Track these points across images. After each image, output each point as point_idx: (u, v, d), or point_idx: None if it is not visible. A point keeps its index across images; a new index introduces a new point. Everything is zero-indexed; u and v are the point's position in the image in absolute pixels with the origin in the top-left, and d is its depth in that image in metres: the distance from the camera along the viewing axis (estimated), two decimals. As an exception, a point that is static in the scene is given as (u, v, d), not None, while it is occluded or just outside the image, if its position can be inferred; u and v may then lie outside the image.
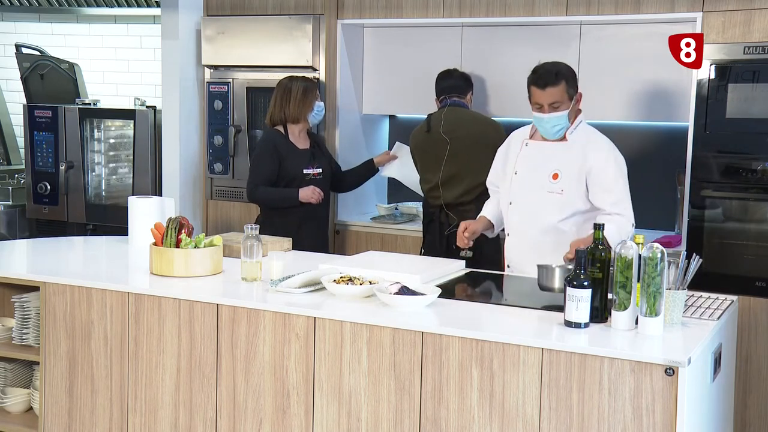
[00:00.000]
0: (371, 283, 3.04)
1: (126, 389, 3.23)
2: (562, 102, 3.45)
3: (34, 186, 5.78)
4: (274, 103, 4.47)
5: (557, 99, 3.44)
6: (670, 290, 2.69)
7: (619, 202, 3.44)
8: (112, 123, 5.75)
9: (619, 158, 3.52)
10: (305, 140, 4.52)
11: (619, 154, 3.53)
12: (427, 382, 2.75)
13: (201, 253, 3.31)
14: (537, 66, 3.53)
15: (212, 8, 5.23)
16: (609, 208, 3.44)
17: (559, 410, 2.59)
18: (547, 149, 3.55)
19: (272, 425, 2.99)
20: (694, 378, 2.50)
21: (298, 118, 4.43)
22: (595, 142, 3.53)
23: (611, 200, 3.44)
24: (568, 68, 3.54)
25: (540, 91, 3.45)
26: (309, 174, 4.44)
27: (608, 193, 3.44)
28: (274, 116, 4.47)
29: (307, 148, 4.49)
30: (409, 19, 4.81)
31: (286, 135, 4.45)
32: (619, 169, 3.49)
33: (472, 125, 4.38)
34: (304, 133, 4.52)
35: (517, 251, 3.61)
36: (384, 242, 4.90)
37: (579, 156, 3.48)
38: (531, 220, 3.54)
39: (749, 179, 4.04)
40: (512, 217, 3.62)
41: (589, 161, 3.46)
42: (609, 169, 3.46)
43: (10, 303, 3.59)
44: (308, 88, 4.46)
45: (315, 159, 4.49)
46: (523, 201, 3.57)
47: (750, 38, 4.00)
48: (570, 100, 3.47)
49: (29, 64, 6.14)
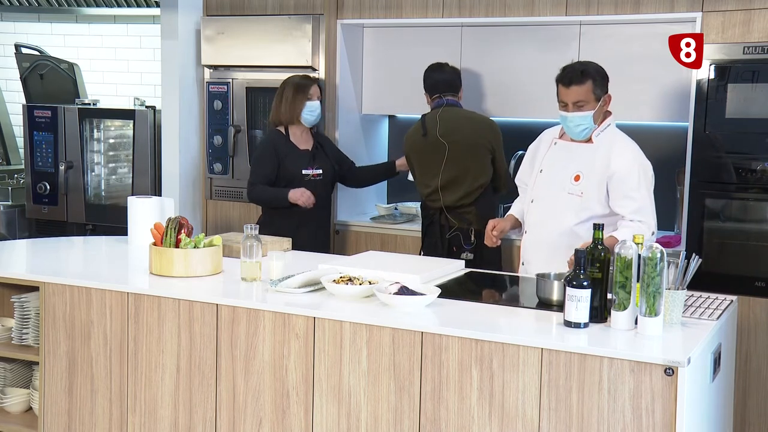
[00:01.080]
0: (371, 283, 3.04)
1: (126, 389, 3.23)
2: (587, 102, 3.41)
3: (33, 186, 5.77)
4: (274, 104, 4.50)
5: (582, 98, 3.40)
6: (669, 290, 2.69)
7: (640, 210, 3.37)
8: (111, 123, 5.75)
9: (645, 164, 3.44)
10: (307, 141, 4.51)
11: (645, 161, 3.45)
12: (426, 382, 2.75)
13: (201, 253, 3.31)
14: (566, 64, 3.50)
15: (212, 8, 5.23)
16: (630, 215, 3.37)
17: (559, 410, 2.59)
18: (573, 150, 3.51)
19: (272, 425, 2.99)
20: (693, 378, 2.50)
21: (291, 119, 4.43)
22: (620, 146, 3.45)
23: (632, 208, 3.37)
24: (597, 68, 3.47)
25: (565, 89, 3.42)
26: (308, 175, 4.44)
27: (629, 200, 3.38)
28: (273, 117, 4.50)
29: (308, 149, 4.48)
30: (409, 19, 4.81)
31: (287, 135, 4.45)
32: (643, 176, 3.41)
33: (469, 127, 4.36)
34: (306, 134, 4.52)
35: (533, 250, 3.58)
36: (384, 242, 4.90)
37: (603, 159, 3.42)
38: (549, 220, 3.51)
39: (749, 179, 4.04)
40: (531, 216, 3.60)
41: (612, 166, 3.40)
42: (632, 175, 3.39)
43: (9, 303, 3.58)
44: (299, 87, 4.44)
45: (315, 160, 4.48)
46: (543, 200, 3.55)
47: (750, 38, 4.00)
48: (596, 100, 3.41)
49: (29, 64, 6.14)
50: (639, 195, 3.38)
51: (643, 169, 3.43)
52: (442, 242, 4.39)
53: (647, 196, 3.41)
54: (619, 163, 3.40)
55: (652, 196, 3.44)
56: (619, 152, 3.43)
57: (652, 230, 3.38)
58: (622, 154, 3.43)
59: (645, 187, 3.41)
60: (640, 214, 3.37)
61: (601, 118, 3.49)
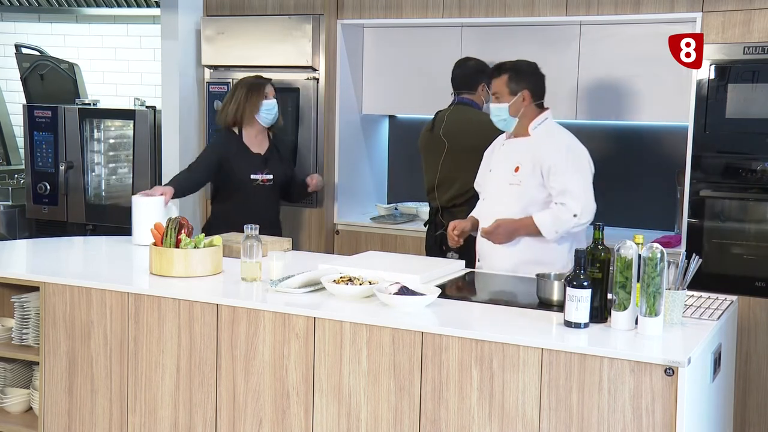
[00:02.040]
0: (371, 283, 3.04)
1: (126, 389, 3.23)
2: (502, 94, 3.63)
3: (33, 186, 5.77)
4: (222, 104, 4.40)
5: (497, 90, 3.65)
6: (669, 290, 2.69)
7: (565, 192, 3.50)
8: (111, 123, 5.75)
9: (576, 151, 3.59)
10: (262, 144, 4.39)
11: (578, 146, 3.61)
12: (426, 382, 2.75)
13: (201, 254, 3.31)
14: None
15: (212, 8, 5.23)
16: (555, 197, 3.53)
17: (559, 410, 2.59)
18: (515, 145, 3.68)
19: (272, 425, 2.99)
20: (693, 378, 2.50)
21: (243, 118, 4.31)
22: (553, 136, 3.62)
23: (557, 190, 3.52)
24: (518, 65, 3.68)
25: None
26: (257, 179, 4.33)
27: (556, 183, 3.52)
28: (220, 117, 4.39)
29: (261, 152, 4.37)
30: (409, 19, 4.80)
31: (240, 137, 4.34)
32: (573, 162, 3.55)
33: (473, 129, 4.31)
34: (262, 136, 4.40)
35: (487, 244, 3.68)
36: (384, 242, 4.90)
37: (537, 149, 3.59)
38: (496, 212, 3.63)
39: (749, 179, 4.04)
40: (482, 211, 3.74)
41: (542, 153, 3.56)
42: (560, 159, 3.53)
43: (9, 303, 3.58)
44: (253, 87, 4.32)
45: (268, 164, 4.36)
46: (492, 195, 3.71)
47: (750, 38, 4.00)
48: (510, 94, 3.61)
49: (29, 64, 6.14)
50: (564, 178, 3.51)
51: (573, 154, 3.58)
52: (435, 241, 4.39)
53: (574, 180, 3.52)
54: (548, 148, 3.57)
55: (584, 180, 3.55)
56: (551, 141, 3.60)
57: (574, 212, 3.49)
58: (553, 141, 3.60)
59: (572, 171, 3.53)
60: (564, 197, 3.50)
61: (531, 113, 3.62)
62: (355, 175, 5.23)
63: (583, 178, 3.56)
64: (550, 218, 3.51)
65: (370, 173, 5.40)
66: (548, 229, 3.52)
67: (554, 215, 3.51)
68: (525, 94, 3.62)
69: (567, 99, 4.58)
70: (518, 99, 3.61)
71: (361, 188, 5.14)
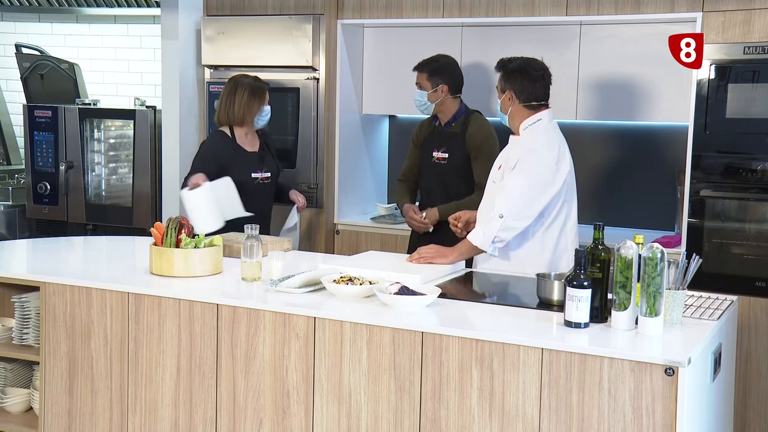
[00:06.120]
0: (371, 283, 3.04)
1: (126, 389, 3.23)
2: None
3: (34, 186, 5.77)
4: (221, 103, 4.31)
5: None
6: (669, 290, 2.69)
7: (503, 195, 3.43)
8: (112, 123, 5.75)
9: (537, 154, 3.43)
10: (254, 142, 4.36)
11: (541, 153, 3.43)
12: (427, 382, 2.75)
13: (201, 253, 3.31)
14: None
15: (212, 8, 5.23)
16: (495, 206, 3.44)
17: (559, 410, 2.59)
18: (509, 144, 3.67)
19: (272, 425, 2.99)
20: (694, 378, 2.50)
21: (243, 121, 4.27)
22: (530, 136, 3.51)
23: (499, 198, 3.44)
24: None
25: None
26: (257, 178, 4.30)
27: (501, 189, 3.48)
28: (221, 117, 4.31)
29: (255, 150, 4.34)
30: (409, 19, 4.81)
31: (233, 137, 4.30)
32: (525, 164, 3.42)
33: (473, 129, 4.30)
34: (252, 135, 4.36)
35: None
36: (384, 242, 4.90)
37: (514, 148, 3.56)
38: (483, 209, 3.63)
39: (749, 179, 4.04)
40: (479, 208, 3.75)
41: (514, 153, 3.52)
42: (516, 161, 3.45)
43: (10, 303, 3.59)
44: (256, 90, 4.28)
45: (264, 162, 4.35)
46: (485, 191, 3.72)
47: (750, 38, 4.00)
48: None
49: (29, 64, 6.14)
50: (509, 179, 3.46)
51: (531, 157, 3.43)
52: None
53: (515, 181, 3.42)
54: (518, 149, 3.51)
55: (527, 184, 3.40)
56: (525, 140, 3.52)
57: (500, 213, 3.40)
58: (525, 141, 3.52)
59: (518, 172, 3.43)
60: (500, 206, 3.41)
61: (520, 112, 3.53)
62: (355, 175, 5.23)
63: (527, 183, 3.41)
64: (481, 229, 3.44)
65: (370, 173, 5.40)
66: (480, 240, 3.42)
67: (485, 231, 3.43)
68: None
69: (567, 99, 4.58)
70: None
71: (361, 188, 5.14)
